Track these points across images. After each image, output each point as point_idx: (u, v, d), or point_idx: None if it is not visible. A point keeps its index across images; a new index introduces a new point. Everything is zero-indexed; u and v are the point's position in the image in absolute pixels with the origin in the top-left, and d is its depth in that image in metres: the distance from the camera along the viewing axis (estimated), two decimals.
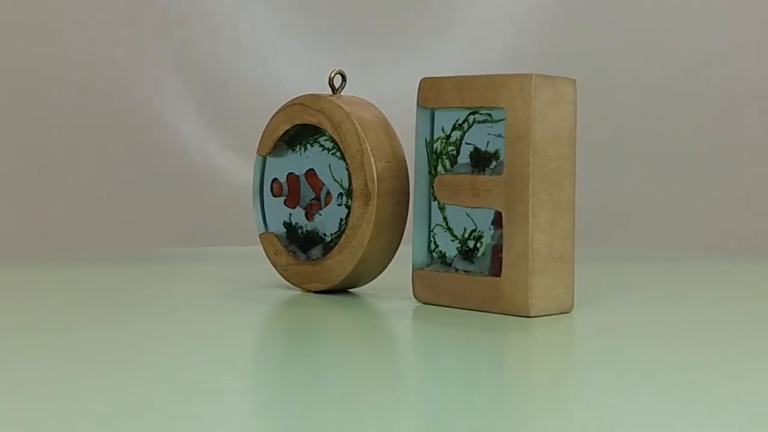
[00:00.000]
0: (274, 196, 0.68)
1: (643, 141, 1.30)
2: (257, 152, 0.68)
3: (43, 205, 1.26)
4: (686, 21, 1.30)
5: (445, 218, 0.60)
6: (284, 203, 0.67)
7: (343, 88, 0.65)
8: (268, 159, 0.68)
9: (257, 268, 0.86)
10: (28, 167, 1.26)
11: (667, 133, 1.30)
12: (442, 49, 1.29)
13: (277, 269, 0.67)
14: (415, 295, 0.61)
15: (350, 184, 0.63)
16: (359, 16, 1.30)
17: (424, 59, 1.28)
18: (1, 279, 0.77)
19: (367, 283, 0.66)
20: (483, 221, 0.59)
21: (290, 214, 0.67)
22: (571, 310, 0.58)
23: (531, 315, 0.56)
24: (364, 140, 0.61)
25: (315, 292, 0.65)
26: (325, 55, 1.28)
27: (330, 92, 0.65)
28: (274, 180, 0.67)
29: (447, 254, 0.60)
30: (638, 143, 1.30)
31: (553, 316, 0.57)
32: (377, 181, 0.61)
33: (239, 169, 1.26)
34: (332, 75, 0.65)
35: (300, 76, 1.26)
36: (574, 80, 0.58)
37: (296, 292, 0.66)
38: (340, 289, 0.65)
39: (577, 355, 0.50)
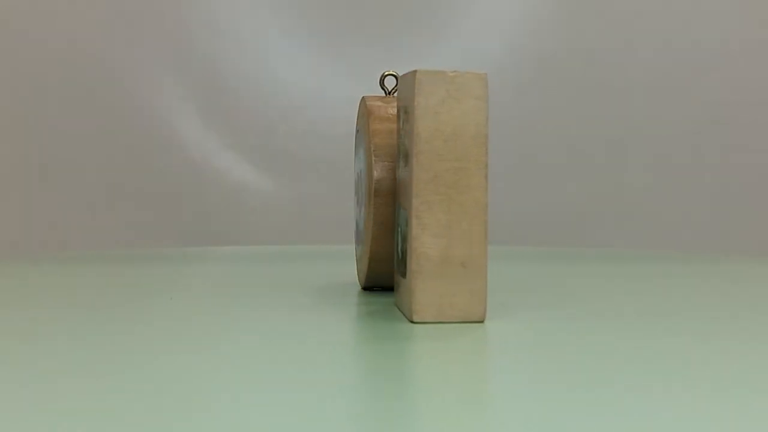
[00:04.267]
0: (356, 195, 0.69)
1: (643, 141, 1.31)
2: None
3: (43, 205, 1.26)
4: (686, 21, 1.30)
5: (401, 219, 0.58)
6: (356, 202, 0.69)
7: (396, 90, 0.65)
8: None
9: (256, 267, 0.86)
10: (29, 167, 1.26)
11: (666, 133, 1.30)
12: (442, 49, 1.29)
13: None
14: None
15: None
16: (359, 16, 1.30)
17: (425, 59, 1.28)
18: (1, 279, 0.77)
19: None
20: (404, 222, 0.56)
21: (359, 213, 0.68)
22: (481, 319, 0.54)
23: (414, 321, 0.53)
24: (371, 140, 0.62)
25: (363, 288, 0.66)
26: (325, 55, 1.28)
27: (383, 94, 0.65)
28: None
29: (400, 256, 0.58)
30: (637, 143, 1.31)
31: (452, 326, 0.53)
32: (374, 180, 0.61)
33: (239, 169, 1.26)
34: (383, 76, 0.65)
35: (300, 76, 1.26)
36: (484, 75, 0.54)
37: (297, 290, 0.67)
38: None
39: (444, 366, 0.45)
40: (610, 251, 1.08)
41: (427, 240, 0.53)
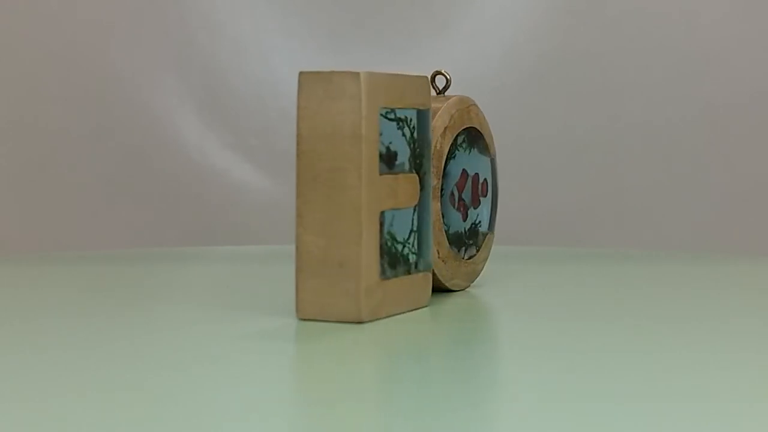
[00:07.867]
0: None
1: (643, 142, 1.30)
2: None
3: (43, 205, 1.26)
4: (686, 21, 1.30)
5: None
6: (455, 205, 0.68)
7: (447, 88, 0.64)
8: None
9: (254, 267, 0.86)
10: (28, 167, 1.26)
11: (666, 134, 1.30)
12: (442, 50, 1.29)
13: None
14: None
15: None
16: (359, 16, 1.30)
17: (424, 59, 1.27)
18: (1, 279, 0.77)
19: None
20: None
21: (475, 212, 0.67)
22: (358, 320, 0.53)
23: (299, 318, 0.54)
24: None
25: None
26: (326, 55, 1.28)
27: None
28: None
29: None
30: (637, 144, 1.30)
31: (329, 326, 0.53)
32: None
33: (239, 169, 1.26)
34: (433, 75, 0.64)
35: None
36: (358, 74, 0.53)
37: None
38: (447, 290, 0.65)
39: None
40: (608, 251, 1.08)
41: (308, 239, 0.54)
